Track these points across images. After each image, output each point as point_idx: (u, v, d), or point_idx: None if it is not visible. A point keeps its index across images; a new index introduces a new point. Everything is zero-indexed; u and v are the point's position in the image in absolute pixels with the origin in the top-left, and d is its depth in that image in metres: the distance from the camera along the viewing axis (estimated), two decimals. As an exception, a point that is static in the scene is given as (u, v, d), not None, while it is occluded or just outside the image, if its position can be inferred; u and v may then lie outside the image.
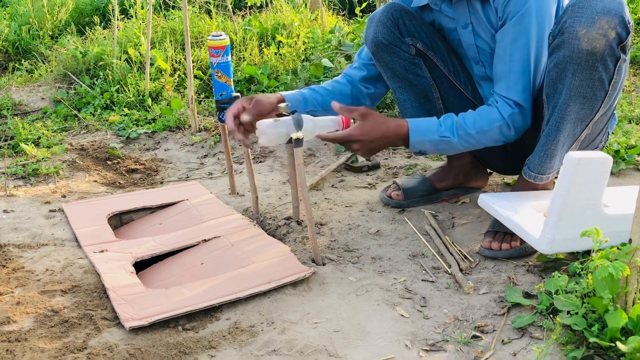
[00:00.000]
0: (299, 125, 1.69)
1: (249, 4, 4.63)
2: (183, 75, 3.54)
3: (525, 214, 1.64)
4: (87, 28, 4.45)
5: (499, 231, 1.74)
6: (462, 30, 1.84)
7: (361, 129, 1.68)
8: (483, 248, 1.73)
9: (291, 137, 1.69)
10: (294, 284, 1.63)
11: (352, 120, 1.80)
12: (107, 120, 3.17)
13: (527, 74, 1.70)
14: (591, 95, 1.60)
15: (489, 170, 2.16)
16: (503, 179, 2.23)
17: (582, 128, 1.66)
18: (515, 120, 1.72)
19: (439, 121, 1.74)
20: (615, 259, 1.27)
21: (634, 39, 3.68)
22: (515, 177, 2.14)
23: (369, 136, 1.68)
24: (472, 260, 1.72)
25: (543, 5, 1.66)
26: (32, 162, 2.60)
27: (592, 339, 1.25)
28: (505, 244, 1.70)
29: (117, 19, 4.02)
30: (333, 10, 4.82)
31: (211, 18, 4.16)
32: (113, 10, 3.83)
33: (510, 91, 1.72)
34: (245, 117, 1.74)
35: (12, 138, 2.95)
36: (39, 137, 2.91)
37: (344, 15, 4.80)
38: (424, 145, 1.75)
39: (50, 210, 2.17)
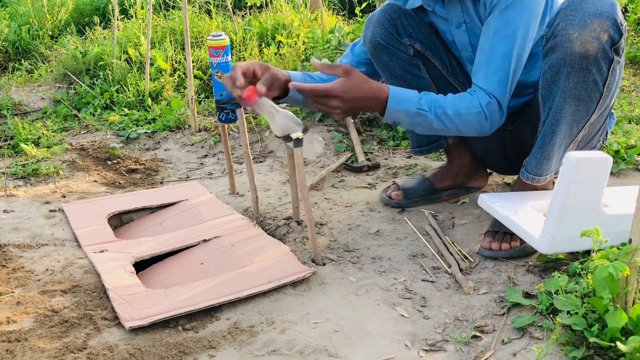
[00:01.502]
0: (297, 124, 1.66)
1: (249, 4, 4.63)
2: (183, 75, 3.54)
3: (525, 214, 1.64)
4: (87, 28, 4.45)
5: (498, 231, 1.74)
6: (455, 30, 1.84)
7: (344, 84, 1.59)
8: (483, 248, 1.73)
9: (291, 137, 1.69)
10: (294, 284, 1.63)
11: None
12: (107, 120, 3.17)
13: (507, 67, 1.68)
14: (585, 97, 1.60)
15: (488, 171, 2.16)
16: (503, 179, 2.23)
17: (578, 129, 1.66)
18: (492, 110, 1.69)
19: (419, 94, 1.69)
20: (615, 259, 1.27)
21: (634, 39, 3.68)
22: (515, 177, 2.14)
23: (350, 94, 1.60)
24: (472, 260, 1.72)
25: (530, 0, 1.66)
26: (32, 162, 2.60)
27: (592, 339, 1.25)
28: (505, 244, 1.70)
29: (117, 19, 4.02)
30: (333, 10, 4.82)
31: (211, 18, 4.16)
32: (113, 10, 3.83)
33: (487, 82, 1.70)
34: (261, 89, 1.62)
35: (12, 138, 2.95)
36: (39, 137, 2.91)
37: (344, 15, 4.80)
38: (400, 115, 1.68)
39: (50, 210, 2.17)
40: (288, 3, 4.38)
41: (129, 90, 3.39)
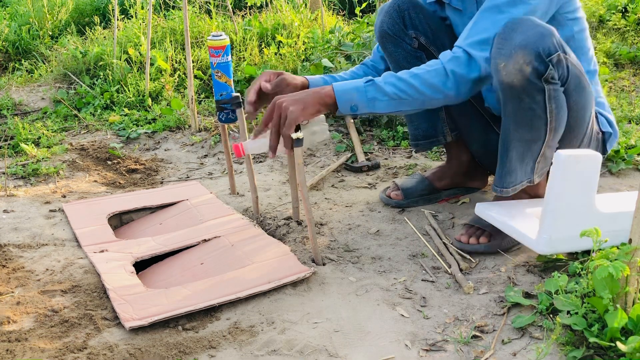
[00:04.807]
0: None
1: (249, 4, 4.63)
2: (183, 75, 3.54)
3: (522, 219, 1.65)
4: (87, 28, 4.45)
5: (473, 225, 1.76)
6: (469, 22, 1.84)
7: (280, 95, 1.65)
8: (455, 239, 1.77)
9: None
10: (294, 284, 1.63)
11: None
12: (107, 120, 3.17)
13: (494, 32, 1.58)
14: (528, 122, 1.59)
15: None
16: (503, 179, 2.23)
17: (539, 147, 1.63)
18: (455, 65, 1.59)
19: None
20: (615, 259, 1.27)
21: (634, 39, 3.68)
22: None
23: (294, 95, 1.60)
24: (472, 260, 1.72)
25: None
26: (32, 162, 2.60)
27: (592, 339, 1.25)
28: (473, 238, 1.74)
29: (117, 19, 4.02)
30: (333, 10, 4.83)
31: (211, 18, 4.16)
32: (113, 10, 3.83)
33: (465, 40, 1.62)
34: (267, 86, 1.78)
35: (12, 138, 2.95)
36: (39, 137, 2.91)
37: (344, 15, 4.80)
38: (352, 96, 1.59)
39: (50, 210, 2.18)
40: (288, 3, 4.38)
41: (129, 90, 3.39)
